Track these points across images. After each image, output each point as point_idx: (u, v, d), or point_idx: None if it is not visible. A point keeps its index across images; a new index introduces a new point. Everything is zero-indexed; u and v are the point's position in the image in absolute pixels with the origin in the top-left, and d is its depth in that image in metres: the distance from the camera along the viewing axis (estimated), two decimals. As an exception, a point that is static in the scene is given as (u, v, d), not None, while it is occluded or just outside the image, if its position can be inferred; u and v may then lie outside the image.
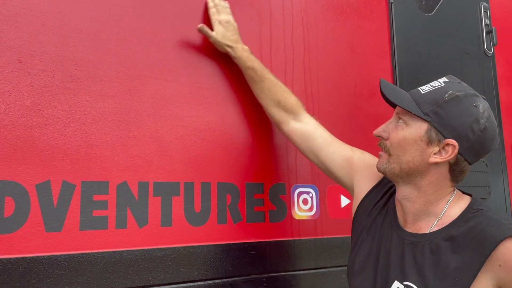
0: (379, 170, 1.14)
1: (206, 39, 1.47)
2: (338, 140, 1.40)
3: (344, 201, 1.70)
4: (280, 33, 1.65)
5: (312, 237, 1.59)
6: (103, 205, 1.22)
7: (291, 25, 1.68)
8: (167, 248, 1.29)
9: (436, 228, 1.07)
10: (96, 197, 1.21)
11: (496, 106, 2.29)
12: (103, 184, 1.22)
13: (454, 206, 1.09)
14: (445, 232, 1.05)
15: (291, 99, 1.45)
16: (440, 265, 1.01)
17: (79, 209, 1.18)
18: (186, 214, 1.34)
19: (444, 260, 1.01)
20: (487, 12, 2.32)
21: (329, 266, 1.60)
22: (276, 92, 1.44)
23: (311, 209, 1.62)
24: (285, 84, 1.63)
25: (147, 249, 1.26)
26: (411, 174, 1.09)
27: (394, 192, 1.19)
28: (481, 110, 1.05)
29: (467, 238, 1.01)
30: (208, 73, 1.47)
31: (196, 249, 1.34)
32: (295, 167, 1.61)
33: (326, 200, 1.66)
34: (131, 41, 1.34)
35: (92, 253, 1.18)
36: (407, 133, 1.07)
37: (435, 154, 1.06)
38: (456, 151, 1.04)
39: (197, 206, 1.37)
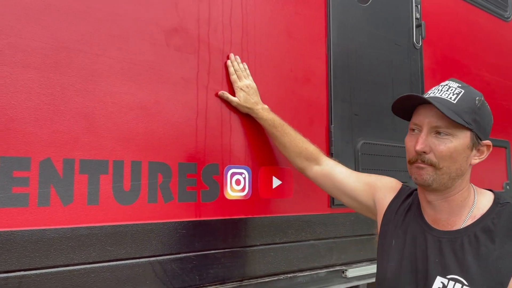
0: (423, 184, 1.15)
1: (145, 15, 1.43)
2: (355, 171, 1.54)
3: (276, 182, 1.75)
4: (218, 13, 1.64)
5: (243, 216, 1.63)
6: (24, 181, 1.16)
7: (230, 5, 1.68)
8: (93, 226, 1.26)
9: (470, 222, 1.14)
10: (16, 174, 1.15)
11: (421, 97, 2.44)
12: (24, 160, 1.17)
13: (481, 198, 1.18)
14: (480, 224, 1.12)
15: (311, 148, 1.61)
16: (482, 255, 1.08)
17: (-4, 186, 1.12)
18: (114, 193, 1.32)
19: (485, 250, 1.08)
20: (418, 6, 2.45)
21: (258, 244, 1.65)
22: (297, 145, 1.62)
23: (243, 189, 1.65)
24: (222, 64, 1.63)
25: (71, 228, 1.22)
26: (456, 179, 1.15)
27: (414, 199, 1.29)
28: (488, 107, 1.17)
29: (504, 229, 1.09)
30: (142, 49, 1.43)
31: (124, 227, 1.32)
32: (229, 148, 1.62)
33: (259, 180, 1.70)
34: (59, 10, 1.27)
35: (10, 231, 1.13)
36: (457, 144, 1.11)
37: (475, 156, 1.16)
38: (490, 149, 1.17)
39: (127, 184, 1.35)
